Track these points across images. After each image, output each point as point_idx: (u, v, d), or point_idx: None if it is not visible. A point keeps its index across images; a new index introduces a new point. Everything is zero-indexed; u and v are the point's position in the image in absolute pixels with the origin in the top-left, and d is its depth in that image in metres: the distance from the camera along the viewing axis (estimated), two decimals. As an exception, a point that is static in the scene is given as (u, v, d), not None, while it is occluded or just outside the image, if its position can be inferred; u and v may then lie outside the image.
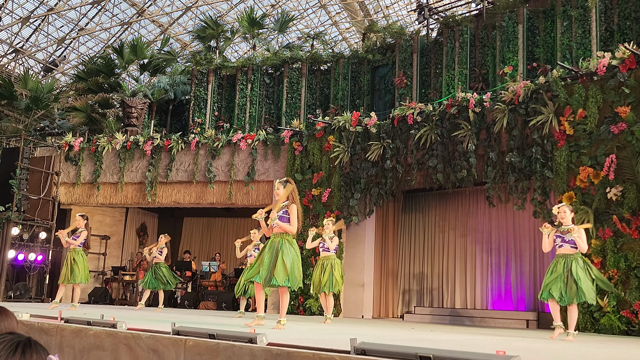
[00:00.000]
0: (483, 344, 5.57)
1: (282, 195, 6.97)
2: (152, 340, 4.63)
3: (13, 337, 1.75)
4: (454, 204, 13.90)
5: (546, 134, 10.43)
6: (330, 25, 27.88)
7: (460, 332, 8.32)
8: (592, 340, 7.27)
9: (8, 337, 1.74)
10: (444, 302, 13.73)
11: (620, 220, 9.35)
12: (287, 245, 6.81)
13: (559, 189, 10.15)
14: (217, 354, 4.12)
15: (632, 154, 9.39)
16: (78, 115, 18.66)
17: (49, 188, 15.90)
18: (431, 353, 3.16)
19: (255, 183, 14.62)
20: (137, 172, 15.65)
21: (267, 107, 16.94)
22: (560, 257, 7.16)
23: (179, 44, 28.00)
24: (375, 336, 5.88)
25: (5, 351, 1.69)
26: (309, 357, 3.61)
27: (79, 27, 26.27)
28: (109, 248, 17.63)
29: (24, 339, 1.75)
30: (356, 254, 13.38)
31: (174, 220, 19.72)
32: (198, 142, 15.20)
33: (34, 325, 5.82)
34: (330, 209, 13.17)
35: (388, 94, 15.70)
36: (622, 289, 9.19)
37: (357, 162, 13.07)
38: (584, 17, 12.49)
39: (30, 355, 1.71)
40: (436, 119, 11.98)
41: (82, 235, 10.57)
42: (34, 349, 1.73)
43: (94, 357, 5.11)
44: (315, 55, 16.76)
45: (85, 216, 10.84)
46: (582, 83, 10.14)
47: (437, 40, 14.79)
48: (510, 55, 13.30)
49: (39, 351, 1.74)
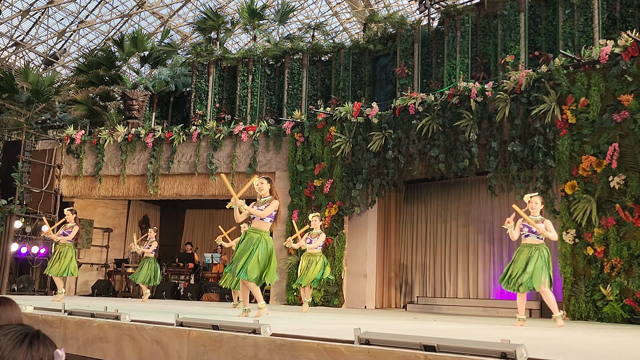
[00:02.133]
0: (487, 333, 5.57)
1: (265, 190, 7.02)
2: (156, 332, 4.64)
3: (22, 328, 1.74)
4: (456, 193, 13.88)
5: (548, 123, 10.40)
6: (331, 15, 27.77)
7: (463, 321, 8.33)
8: (595, 328, 7.27)
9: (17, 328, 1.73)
10: (446, 292, 13.73)
11: (623, 208, 9.33)
12: (263, 243, 6.85)
13: (562, 177, 10.13)
14: (220, 345, 4.13)
15: (634, 142, 9.35)
16: (79, 108, 18.64)
17: (51, 181, 15.91)
18: (435, 342, 3.16)
19: (257, 174, 14.58)
20: (138, 165, 15.65)
21: (269, 98, 16.90)
22: (524, 247, 7.32)
23: (179, 36, 27.93)
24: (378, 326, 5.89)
25: (13, 341, 1.68)
26: (313, 347, 3.61)
27: (79, 20, 26.19)
28: (112, 241, 17.66)
29: (33, 332, 1.73)
30: (358, 245, 13.38)
31: (176, 212, 19.73)
32: (199, 134, 15.19)
33: (38, 318, 5.83)
34: (332, 199, 13.16)
35: (389, 84, 15.65)
36: (625, 277, 9.19)
37: (359, 153, 13.05)
38: (586, 5, 12.42)
39: (38, 347, 1.70)
40: (438, 108, 11.95)
41: (74, 231, 10.70)
42: (42, 342, 1.72)
43: (97, 348, 5.12)
44: (316, 46, 16.70)
45: (74, 211, 10.93)
46: (585, 71, 10.10)
47: (439, 30, 14.73)
48: (512, 44, 13.24)
49: (46, 345, 1.72)
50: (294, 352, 3.70)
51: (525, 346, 2.95)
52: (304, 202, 13.58)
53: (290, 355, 3.71)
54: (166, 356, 4.51)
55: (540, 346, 4.01)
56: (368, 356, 3.33)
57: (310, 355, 3.60)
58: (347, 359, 3.42)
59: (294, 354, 3.70)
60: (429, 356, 3.09)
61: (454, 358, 3.01)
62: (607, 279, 9.39)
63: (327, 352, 3.53)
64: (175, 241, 19.62)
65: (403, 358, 3.19)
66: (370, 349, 3.36)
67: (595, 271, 9.55)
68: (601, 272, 9.48)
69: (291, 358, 3.70)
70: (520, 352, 2.90)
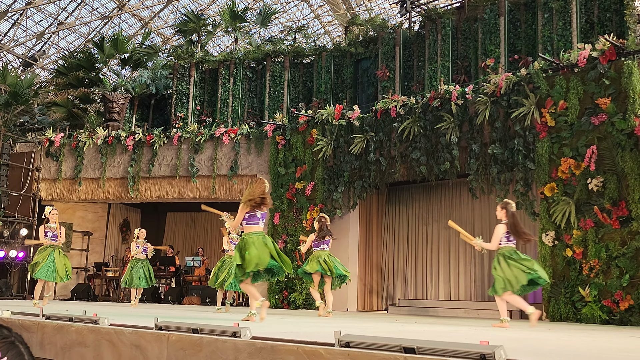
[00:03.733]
0: (467, 334, 5.60)
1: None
2: (135, 336, 4.59)
3: None
4: (437, 196, 13.95)
5: (528, 126, 10.49)
6: (312, 18, 27.81)
7: (444, 323, 8.36)
8: (574, 329, 7.34)
9: None
10: (428, 294, 13.78)
11: (601, 210, 9.44)
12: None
13: (541, 180, 10.22)
14: (200, 349, 4.10)
15: (612, 145, 9.47)
16: (58, 110, 18.46)
17: (30, 184, 15.74)
18: (415, 344, 3.16)
19: (238, 177, 14.57)
20: (119, 167, 15.53)
21: (250, 101, 16.86)
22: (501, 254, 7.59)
23: (160, 38, 27.79)
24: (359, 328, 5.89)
25: None
26: (293, 350, 3.60)
27: (58, 22, 25.97)
28: (92, 244, 17.49)
29: None
30: (340, 247, 13.37)
31: (157, 216, 19.60)
32: (180, 136, 15.11)
33: (15, 323, 5.75)
34: (313, 202, 13.16)
35: (371, 86, 15.69)
36: (603, 278, 9.29)
37: (341, 155, 13.07)
38: (564, 9, 12.56)
39: None
40: (419, 111, 12.01)
41: (63, 232, 10.46)
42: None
43: (76, 353, 5.07)
44: (297, 48, 16.70)
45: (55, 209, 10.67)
46: (563, 75, 10.21)
47: (420, 33, 14.81)
48: (492, 47, 13.34)
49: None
50: (274, 355, 3.68)
51: (505, 347, 2.97)
52: (285, 205, 13.57)
53: (271, 359, 3.69)
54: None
55: (519, 347, 4.03)
56: (348, 359, 3.33)
57: (290, 358, 3.59)
58: (327, 361, 3.41)
59: (274, 357, 3.68)
60: (408, 358, 3.10)
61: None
62: (585, 281, 9.48)
63: (307, 355, 3.52)
64: (157, 244, 19.46)
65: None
66: (351, 351, 3.36)
67: (574, 273, 9.64)
68: (580, 274, 9.58)
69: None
70: (499, 353, 2.92)
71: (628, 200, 9.22)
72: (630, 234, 9.15)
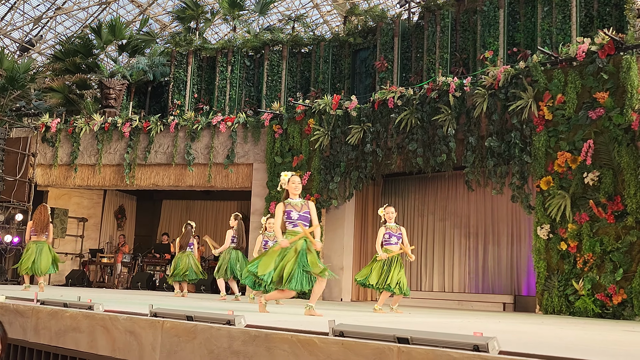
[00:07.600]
0: (460, 326, 5.62)
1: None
2: (130, 322, 4.60)
3: None
4: (433, 188, 13.96)
5: (525, 119, 10.49)
6: (311, 7, 27.68)
7: (438, 315, 8.39)
8: (566, 322, 7.37)
9: None
10: (422, 286, 13.83)
11: (597, 205, 9.47)
12: None
13: (537, 173, 10.24)
14: (194, 336, 4.11)
15: (609, 139, 9.48)
16: (55, 96, 18.37)
17: (26, 169, 15.69)
18: (409, 334, 3.18)
19: (234, 166, 14.55)
20: (115, 154, 15.49)
21: (247, 89, 16.81)
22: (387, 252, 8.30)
23: (158, 25, 27.64)
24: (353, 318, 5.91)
25: None
26: (288, 338, 3.61)
27: (56, 6, 25.79)
28: (87, 230, 17.48)
29: None
30: (335, 238, 13.41)
31: (153, 203, 19.58)
32: (177, 124, 15.08)
33: (9, 307, 5.75)
34: (310, 192, 13.16)
35: (369, 77, 15.65)
36: (597, 272, 9.33)
37: (337, 146, 13.06)
38: (564, 3, 12.53)
39: None
40: (416, 103, 12.00)
41: (51, 230, 10.86)
42: None
43: (70, 339, 5.07)
44: (296, 38, 16.63)
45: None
46: (562, 68, 10.20)
47: (419, 24, 14.76)
48: (490, 40, 13.31)
49: None
50: (268, 344, 3.70)
51: (498, 339, 2.98)
52: (281, 194, 13.54)
53: (265, 347, 3.70)
54: (140, 347, 4.48)
55: (512, 339, 4.05)
56: (342, 348, 3.34)
57: (284, 347, 3.60)
58: (321, 350, 3.42)
59: (268, 345, 3.69)
60: (402, 348, 3.11)
61: (427, 350, 3.03)
62: (579, 274, 9.52)
63: (301, 344, 3.53)
64: (152, 232, 19.50)
65: (377, 350, 3.20)
66: (344, 340, 3.37)
67: (568, 266, 9.68)
68: (574, 267, 9.62)
69: (265, 349, 3.69)
70: (492, 344, 2.93)
71: (623, 194, 9.24)
72: (625, 229, 9.18)
